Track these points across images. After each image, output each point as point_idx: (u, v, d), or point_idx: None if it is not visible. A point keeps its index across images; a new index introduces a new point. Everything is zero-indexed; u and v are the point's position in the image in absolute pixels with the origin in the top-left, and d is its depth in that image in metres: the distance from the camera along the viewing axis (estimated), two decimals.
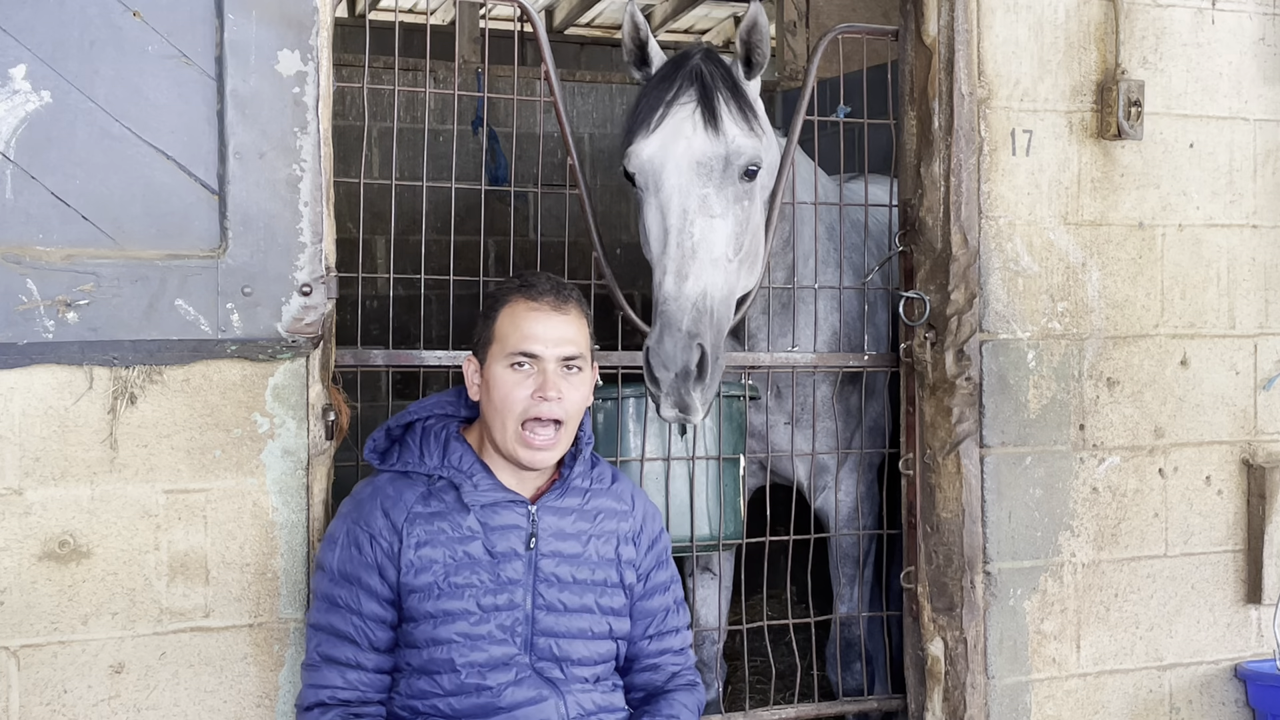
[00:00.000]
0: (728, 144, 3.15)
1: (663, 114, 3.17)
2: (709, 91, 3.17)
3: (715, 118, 3.15)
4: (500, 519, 2.56)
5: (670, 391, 2.96)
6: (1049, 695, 3.54)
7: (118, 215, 2.72)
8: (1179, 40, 3.70)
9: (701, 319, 3.00)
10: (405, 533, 2.52)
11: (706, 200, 3.12)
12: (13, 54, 2.64)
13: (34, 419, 2.66)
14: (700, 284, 3.02)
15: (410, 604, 2.51)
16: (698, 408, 2.98)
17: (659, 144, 3.16)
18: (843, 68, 3.71)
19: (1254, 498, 3.77)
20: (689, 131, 3.15)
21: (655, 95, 3.22)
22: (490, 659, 2.51)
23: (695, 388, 2.95)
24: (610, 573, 2.64)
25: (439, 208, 4.12)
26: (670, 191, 3.12)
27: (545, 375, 2.53)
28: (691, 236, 3.06)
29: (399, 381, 6.10)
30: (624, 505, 2.71)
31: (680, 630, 2.78)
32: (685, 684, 2.75)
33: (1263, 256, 3.80)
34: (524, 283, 2.61)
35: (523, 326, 2.55)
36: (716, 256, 3.08)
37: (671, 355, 2.94)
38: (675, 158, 3.14)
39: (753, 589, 4.30)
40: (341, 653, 2.52)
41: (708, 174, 3.14)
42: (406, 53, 3.39)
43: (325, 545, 2.59)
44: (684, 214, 3.09)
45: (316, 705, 2.52)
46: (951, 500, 3.46)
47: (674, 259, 3.04)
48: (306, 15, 2.83)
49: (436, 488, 2.58)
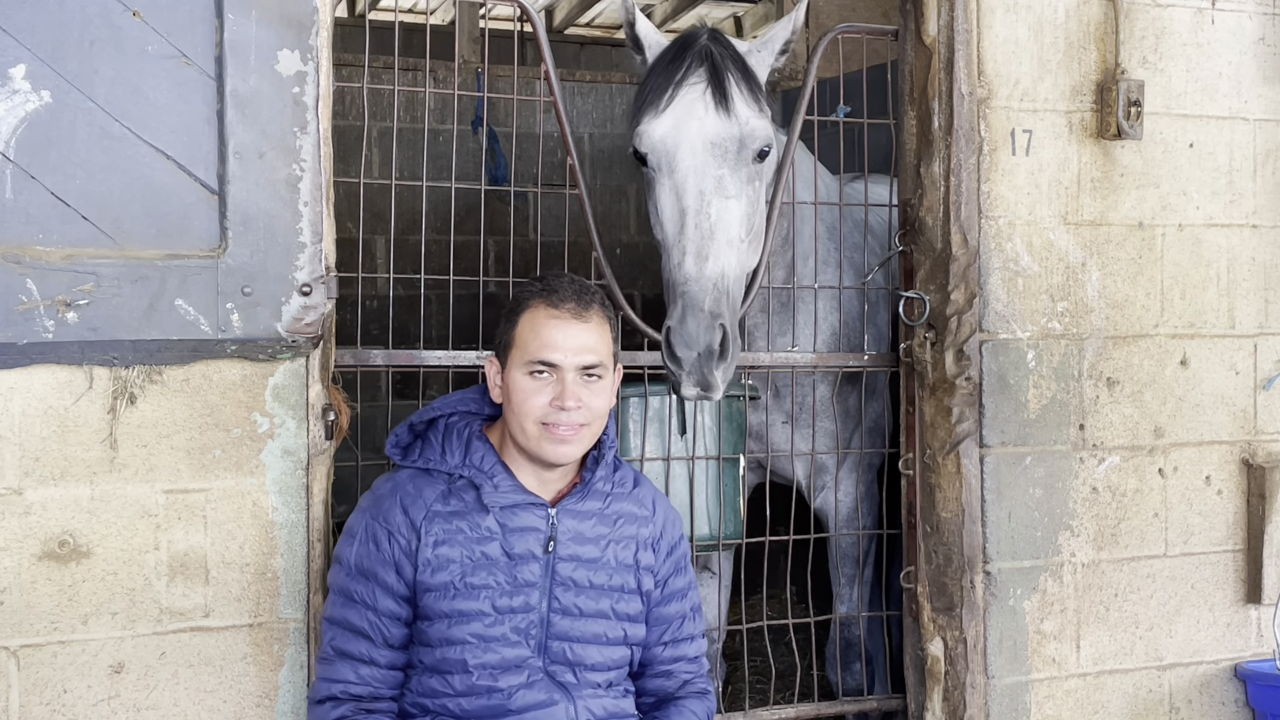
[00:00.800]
0: (741, 125, 3.15)
1: (673, 93, 3.16)
2: (719, 72, 3.16)
3: (727, 98, 3.14)
4: (519, 521, 2.55)
5: (693, 370, 2.97)
6: (1049, 695, 3.54)
7: (118, 215, 2.72)
8: (1179, 40, 3.70)
9: (721, 299, 3.02)
10: (423, 530, 2.51)
11: (722, 181, 3.12)
12: (12, 54, 2.64)
13: (34, 419, 2.66)
14: (719, 265, 3.04)
15: (426, 602, 2.50)
16: (719, 385, 2.99)
17: (671, 123, 3.15)
18: (843, 67, 3.71)
19: (1254, 497, 3.77)
20: (701, 112, 3.14)
21: (664, 74, 3.19)
22: (503, 661, 2.50)
23: (718, 366, 2.97)
24: (628, 578, 2.62)
25: (439, 207, 4.13)
26: (686, 172, 3.11)
27: (564, 385, 2.51)
28: (709, 218, 3.07)
29: (399, 381, 6.10)
30: (645, 510, 2.69)
31: (695, 638, 2.76)
32: (696, 691, 2.72)
33: (1262, 256, 3.80)
34: (546, 287, 2.57)
35: (543, 334, 2.52)
36: (732, 237, 3.09)
37: (695, 335, 2.95)
38: (689, 138, 3.13)
39: (753, 589, 4.30)
40: (355, 648, 2.51)
41: (723, 155, 3.13)
42: (406, 53, 3.39)
43: (343, 539, 2.58)
44: (701, 195, 3.09)
45: (329, 699, 2.51)
46: (951, 500, 3.46)
47: (693, 240, 3.04)
48: (306, 15, 2.83)
49: (457, 486, 2.56)
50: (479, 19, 6.70)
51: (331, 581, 2.59)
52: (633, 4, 3.32)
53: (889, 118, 3.66)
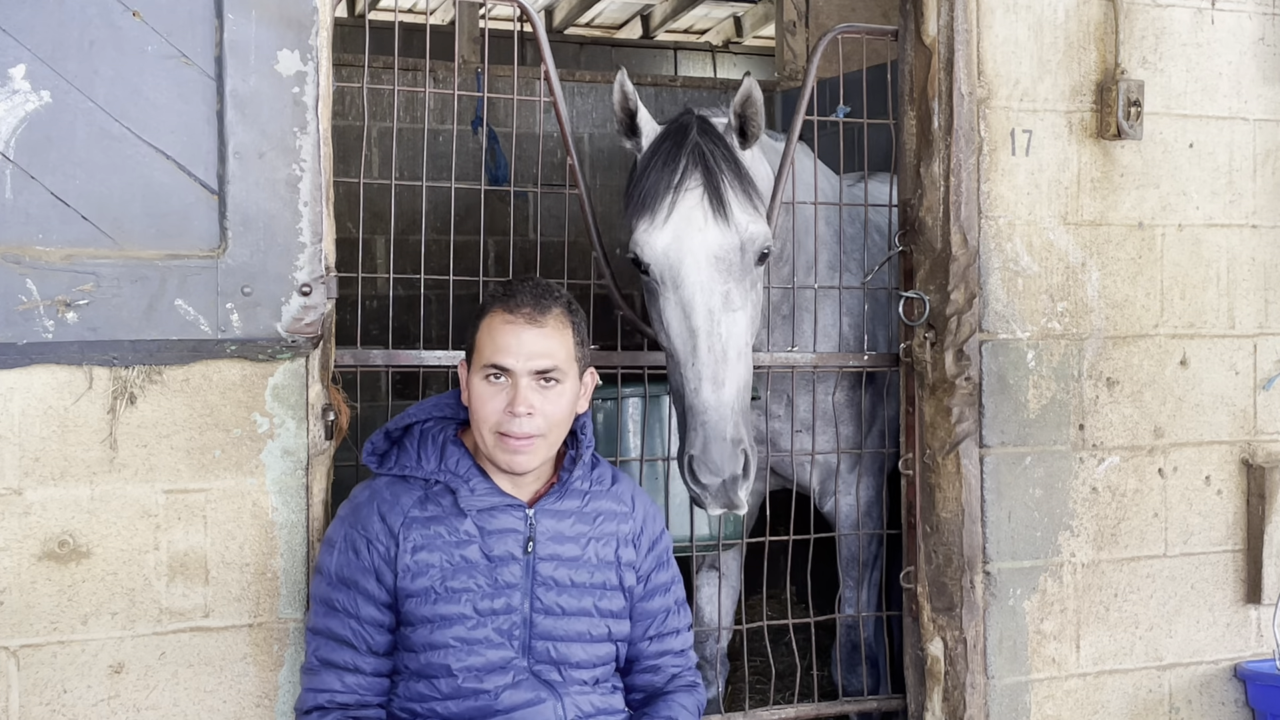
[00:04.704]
0: (740, 233, 3.09)
1: (672, 200, 3.09)
2: (714, 176, 3.10)
3: (724, 205, 3.08)
4: (497, 523, 2.55)
5: (719, 494, 2.98)
6: (1049, 695, 3.54)
7: (117, 215, 2.71)
8: (1179, 40, 3.70)
9: (741, 421, 3.00)
10: (402, 537, 2.51)
11: (729, 296, 3.07)
12: (12, 54, 2.64)
13: (34, 419, 2.66)
14: (734, 386, 3.01)
15: (408, 608, 2.51)
16: (744, 503, 3.01)
17: (673, 236, 3.08)
18: (842, 68, 3.71)
19: (1254, 498, 3.77)
20: (701, 222, 3.07)
21: (659, 178, 3.12)
22: (487, 663, 2.51)
23: (742, 486, 2.98)
24: (609, 575, 2.63)
25: (439, 208, 4.12)
26: (693, 290, 3.05)
27: (516, 389, 2.50)
28: (720, 338, 3.02)
29: (399, 381, 6.09)
30: (624, 507, 2.70)
31: (681, 632, 2.77)
32: (685, 685, 2.74)
33: (1262, 256, 3.80)
34: (505, 292, 2.58)
35: (496, 339, 2.53)
36: (741, 348, 3.06)
37: (719, 465, 2.94)
38: (692, 252, 3.06)
39: (753, 589, 4.30)
40: (340, 657, 2.52)
41: (727, 269, 3.07)
42: (406, 53, 3.38)
43: (324, 549, 2.59)
44: (710, 314, 3.03)
45: (315, 709, 2.52)
46: (951, 500, 3.46)
47: (708, 365, 2.99)
48: (306, 15, 2.83)
49: (434, 492, 2.57)
50: (479, 19, 6.70)
51: (314, 592, 2.59)
52: (634, 90, 3.23)
53: (889, 118, 3.66)
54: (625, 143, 3.32)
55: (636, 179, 3.19)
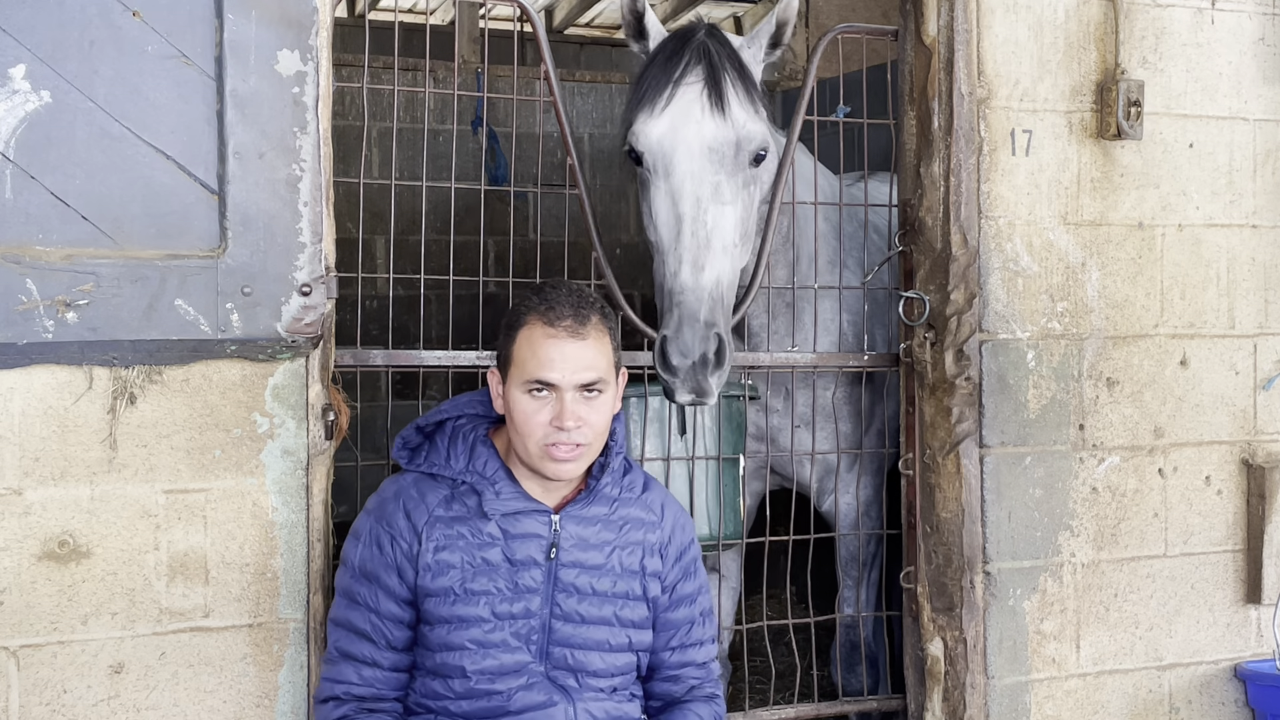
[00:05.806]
0: (737, 129, 3.13)
1: (671, 93, 3.13)
2: (716, 72, 3.13)
3: (723, 100, 3.11)
4: (521, 527, 2.54)
5: (688, 378, 2.96)
6: (1049, 695, 3.54)
7: (117, 215, 2.71)
8: (1179, 40, 3.70)
9: (716, 307, 3.01)
10: (425, 535, 2.50)
11: (719, 188, 3.10)
12: (12, 54, 2.64)
13: (34, 419, 2.66)
14: (714, 273, 3.03)
15: (427, 607, 2.50)
16: (713, 391, 2.99)
17: (668, 125, 3.12)
18: (842, 68, 3.71)
19: (1254, 498, 3.77)
20: (698, 114, 3.11)
21: (662, 71, 3.16)
22: (501, 666, 2.50)
23: (713, 373, 2.97)
24: (633, 585, 2.60)
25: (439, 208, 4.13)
26: (682, 177, 3.09)
27: (563, 405, 2.47)
28: (705, 225, 3.05)
29: (398, 381, 6.10)
30: (653, 516, 2.66)
31: (704, 644, 2.73)
32: (704, 696, 2.71)
33: (1262, 256, 3.80)
34: (543, 300, 2.52)
35: (540, 353, 2.48)
36: (727, 243, 3.08)
37: (690, 345, 2.94)
38: (686, 141, 3.11)
39: (753, 589, 4.30)
40: (358, 649, 2.52)
41: (720, 160, 3.11)
42: (406, 53, 3.38)
43: (350, 540, 2.58)
44: (697, 202, 3.07)
45: (331, 699, 2.53)
46: (951, 500, 3.46)
47: (689, 249, 3.03)
48: (306, 15, 2.83)
49: (460, 491, 2.55)
50: (479, 19, 6.70)
51: (338, 583, 2.60)
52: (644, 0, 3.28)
53: (889, 118, 3.66)
54: (633, 45, 3.35)
55: (640, 76, 3.22)
